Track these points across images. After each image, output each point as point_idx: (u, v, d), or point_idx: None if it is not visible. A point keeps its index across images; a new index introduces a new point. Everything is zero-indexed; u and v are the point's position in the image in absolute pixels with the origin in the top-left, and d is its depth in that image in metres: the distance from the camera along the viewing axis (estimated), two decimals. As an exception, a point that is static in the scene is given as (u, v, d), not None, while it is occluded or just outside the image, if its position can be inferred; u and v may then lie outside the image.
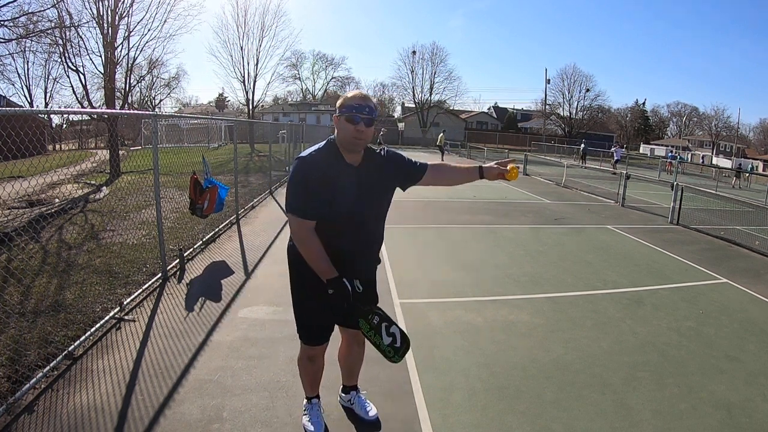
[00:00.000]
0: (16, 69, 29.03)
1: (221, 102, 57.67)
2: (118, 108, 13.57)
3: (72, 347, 2.90)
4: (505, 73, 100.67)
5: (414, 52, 44.07)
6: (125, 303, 3.61)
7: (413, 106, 45.16)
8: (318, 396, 2.37)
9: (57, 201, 7.97)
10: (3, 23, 9.56)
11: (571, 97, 50.03)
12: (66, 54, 12.39)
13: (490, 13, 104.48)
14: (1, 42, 10.85)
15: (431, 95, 44.21)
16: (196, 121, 23.72)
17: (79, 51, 12.59)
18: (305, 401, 2.37)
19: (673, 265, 5.77)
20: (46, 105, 32.26)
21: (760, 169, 30.90)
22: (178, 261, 4.73)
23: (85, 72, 13.38)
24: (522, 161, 17.63)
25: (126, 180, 10.60)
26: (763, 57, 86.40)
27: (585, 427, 2.45)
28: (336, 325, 2.21)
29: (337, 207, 1.86)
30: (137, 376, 2.72)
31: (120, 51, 12.67)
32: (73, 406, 2.41)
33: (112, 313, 3.42)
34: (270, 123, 15.84)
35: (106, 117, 11.53)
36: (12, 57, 19.93)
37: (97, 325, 3.23)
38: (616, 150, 24.52)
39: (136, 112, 10.47)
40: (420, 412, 2.52)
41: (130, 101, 18.34)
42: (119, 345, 3.08)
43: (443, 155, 21.68)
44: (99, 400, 2.46)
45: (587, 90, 49.77)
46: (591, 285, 4.79)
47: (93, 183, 10.46)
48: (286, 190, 1.92)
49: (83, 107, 15.08)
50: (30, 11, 10.51)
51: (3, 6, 9.34)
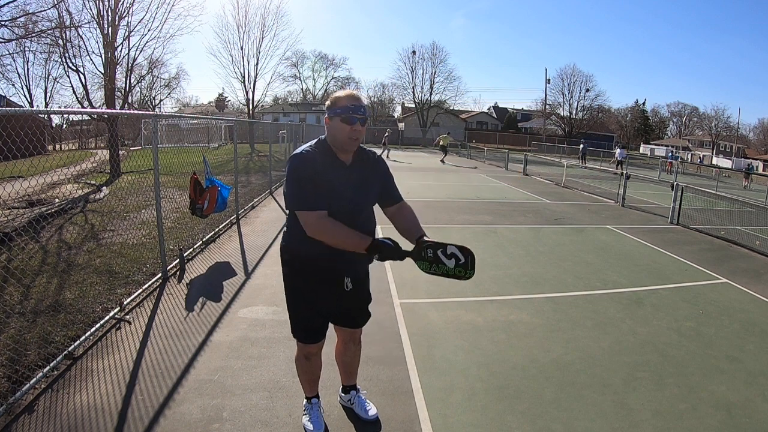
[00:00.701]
0: (16, 69, 29.12)
1: (221, 102, 57.67)
2: (118, 108, 13.56)
3: (72, 347, 2.90)
4: (505, 73, 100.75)
5: (414, 52, 44.05)
6: (125, 303, 3.61)
7: (413, 106, 45.14)
8: (317, 396, 2.37)
9: (57, 201, 7.97)
10: (3, 23, 9.56)
11: (571, 97, 50.06)
12: (66, 54, 12.40)
13: (490, 13, 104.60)
14: (1, 42, 10.87)
15: (431, 95, 44.21)
16: (196, 121, 23.72)
17: (79, 51, 12.62)
18: (305, 401, 2.37)
19: (673, 265, 5.77)
20: (46, 105, 32.31)
21: (760, 169, 30.86)
22: (178, 261, 4.73)
23: (85, 72, 13.45)
24: (523, 161, 17.65)
25: (126, 180, 10.60)
26: (764, 57, 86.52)
27: (585, 427, 2.45)
28: (332, 324, 2.22)
29: (332, 205, 1.87)
30: (137, 376, 2.72)
31: (120, 51, 12.68)
32: (73, 406, 2.41)
33: (112, 313, 3.42)
34: (270, 123, 15.84)
35: (106, 117, 11.53)
36: (12, 57, 20.02)
37: (97, 325, 3.23)
38: (619, 152, 23.92)
39: (136, 112, 10.45)
40: (420, 412, 2.52)
41: (130, 101, 18.33)
42: (119, 345, 3.08)
43: (445, 155, 21.67)
44: (99, 400, 2.46)
45: (587, 90, 49.79)
46: (591, 285, 4.79)
47: (93, 183, 10.46)
48: (286, 190, 1.89)
49: (83, 107, 15.09)
50: (30, 11, 10.53)
51: (3, 6, 9.36)
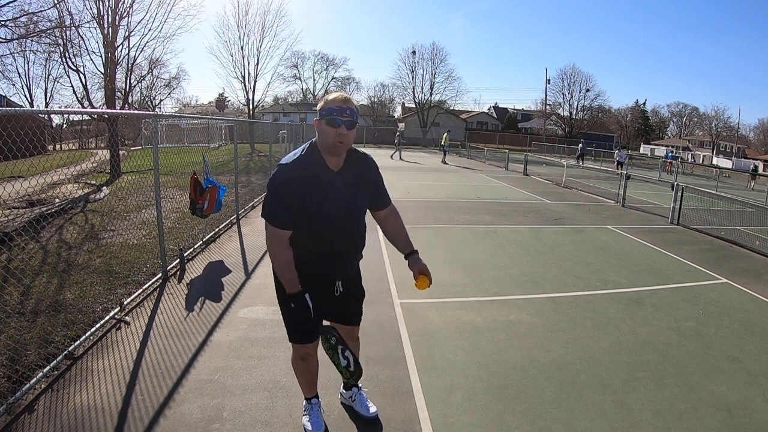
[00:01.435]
0: (16, 69, 29.05)
1: (221, 102, 57.65)
2: (118, 108, 13.57)
3: (72, 347, 2.90)
4: (505, 73, 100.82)
5: (414, 52, 43.99)
6: (125, 303, 3.61)
7: (413, 106, 45.13)
8: (317, 396, 2.37)
9: (57, 201, 7.97)
10: (3, 23, 9.56)
11: (571, 97, 50.02)
12: (66, 54, 12.40)
13: (490, 13, 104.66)
14: (2, 42, 10.85)
15: (431, 95, 44.16)
16: (196, 121, 23.73)
17: (80, 51, 12.61)
18: (305, 402, 2.37)
19: (674, 266, 5.77)
20: (46, 105, 32.29)
21: (760, 169, 30.82)
22: (178, 261, 4.73)
23: (86, 72, 13.40)
24: (523, 161, 17.65)
25: (126, 180, 10.60)
26: (764, 57, 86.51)
27: (585, 427, 2.45)
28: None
29: (321, 212, 1.88)
30: (137, 376, 2.72)
31: (120, 51, 12.68)
32: (73, 406, 2.41)
33: (112, 313, 3.42)
34: (270, 123, 15.84)
35: (106, 117, 11.52)
36: (12, 57, 19.95)
37: (97, 325, 3.23)
38: (619, 153, 23.39)
39: (136, 112, 10.46)
40: (420, 412, 2.52)
41: (130, 101, 18.33)
42: (119, 345, 3.08)
43: (445, 155, 21.66)
44: (99, 400, 2.46)
45: (587, 90, 49.76)
46: (591, 285, 4.79)
47: (93, 183, 10.46)
48: (265, 196, 1.92)
49: (83, 107, 15.09)
50: (30, 11, 10.52)
51: (3, 6, 9.35)
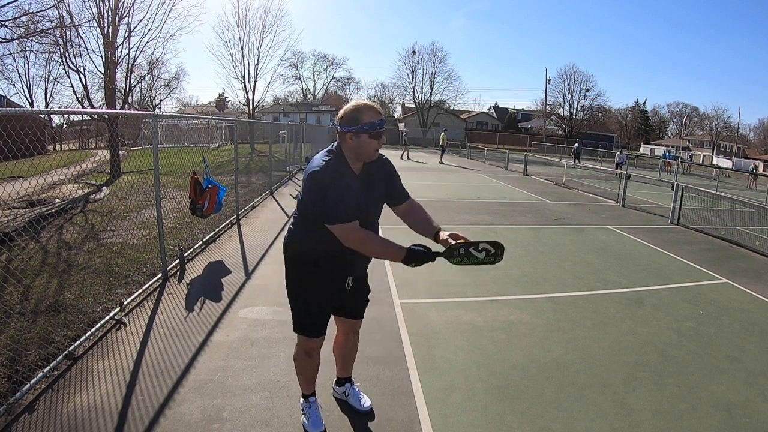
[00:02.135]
0: (16, 69, 29.10)
1: (221, 102, 57.65)
2: (118, 108, 13.57)
3: (72, 347, 2.90)
4: (506, 73, 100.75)
5: (414, 52, 44.07)
6: (125, 303, 3.61)
7: (413, 106, 45.14)
8: (315, 393, 2.38)
9: (57, 201, 7.97)
10: (3, 23, 9.56)
11: (572, 97, 50.08)
12: (66, 54, 12.40)
13: (490, 13, 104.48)
14: (2, 42, 10.86)
15: (431, 95, 44.23)
16: (196, 121, 23.71)
17: (80, 51, 12.60)
18: (302, 400, 2.37)
19: (674, 266, 5.77)
20: (46, 105, 32.32)
21: (760, 169, 30.82)
22: (178, 261, 4.73)
23: (86, 72, 13.38)
24: (523, 161, 17.66)
25: (126, 180, 10.60)
26: (764, 57, 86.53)
27: (585, 427, 2.45)
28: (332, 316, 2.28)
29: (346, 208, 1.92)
30: (137, 376, 2.72)
31: (120, 51, 12.67)
32: (73, 406, 2.41)
33: (112, 314, 3.42)
34: (270, 123, 15.85)
35: (106, 117, 11.52)
36: (13, 57, 19.99)
37: (97, 326, 3.23)
38: (619, 155, 23.34)
39: (136, 112, 10.46)
40: (420, 412, 2.52)
41: (130, 101, 18.32)
42: (119, 345, 3.08)
43: (443, 155, 21.67)
44: (99, 400, 2.46)
45: (587, 90, 49.81)
46: (591, 285, 4.79)
47: (93, 183, 10.46)
48: (315, 205, 1.88)
49: (83, 107, 15.09)
50: (31, 11, 10.52)
51: (3, 6, 9.36)
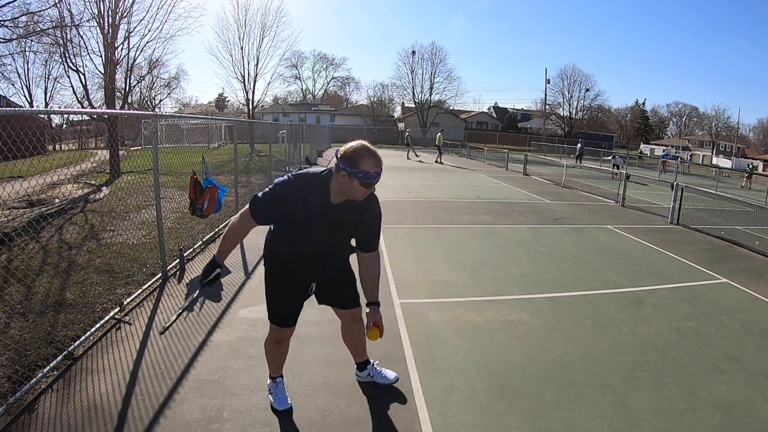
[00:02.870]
0: (16, 69, 29.09)
1: (221, 102, 57.66)
2: (118, 108, 13.56)
3: (72, 347, 2.90)
4: (505, 73, 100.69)
5: (414, 52, 44.02)
6: (125, 303, 3.61)
7: (413, 106, 45.13)
8: (282, 375, 2.56)
9: (57, 201, 7.97)
10: (3, 23, 9.56)
11: (571, 97, 50.03)
12: (66, 54, 12.37)
13: (490, 13, 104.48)
14: (2, 42, 10.85)
15: (431, 95, 44.17)
16: (196, 121, 23.71)
17: (80, 51, 12.58)
18: (270, 381, 2.55)
19: (673, 265, 5.77)
20: (46, 105, 32.29)
21: (760, 169, 30.84)
22: (178, 261, 4.73)
23: (86, 72, 13.38)
24: (523, 161, 17.66)
25: (126, 180, 10.60)
26: (764, 57, 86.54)
27: (585, 427, 2.45)
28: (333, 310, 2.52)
29: (301, 233, 2.12)
30: (137, 376, 2.72)
31: (120, 51, 12.67)
32: (73, 406, 2.41)
33: (112, 313, 3.42)
34: (270, 123, 15.84)
35: (106, 117, 11.52)
36: (12, 57, 19.99)
37: (97, 325, 3.23)
38: (616, 159, 22.28)
39: (136, 112, 10.45)
40: (420, 412, 2.52)
41: (130, 101, 18.32)
42: (119, 345, 3.08)
43: (440, 155, 21.61)
44: (99, 400, 2.46)
45: (587, 90, 49.78)
46: (591, 285, 4.79)
47: (93, 183, 10.46)
48: (268, 186, 2.08)
49: (83, 107, 15.07)
50: (30, 11, 10.52)
51: (3, 6, 9.35)
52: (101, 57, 12.52)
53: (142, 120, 20.17)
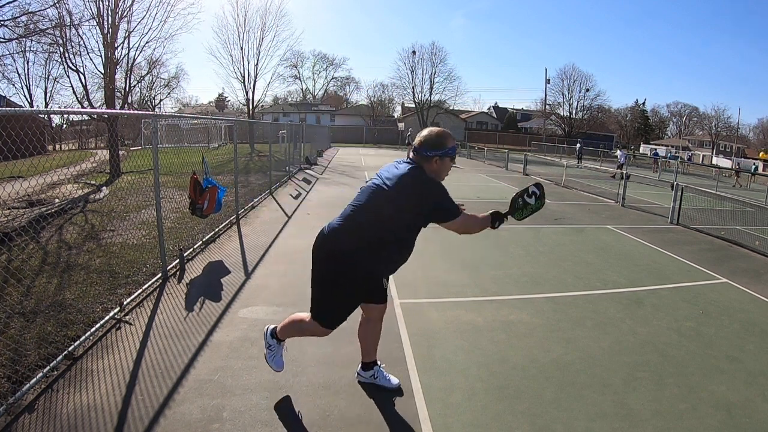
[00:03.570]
0: (16, 69, 29.07)
1: (221, 102, 57.71)
2: (118, 108, 13.57)
3: (72, 347, 2.90)
4: (505, 73, 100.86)
5: (414, 52, 44.04)
6: (125, 303, 3.61)
7: (413, 106, 45.14)
8: (285, 341, 2.66)
9: (57, 201, 7.97)
10: (3, 23, 9.56)
11: (571, 97, 50.05)
12: (66, 54, 12.39)
13: (490, 13, 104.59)
14: (1, 42, 10.86)
15: (431, 95, 44.21)
16: (196, 121, 23.69)
17: (79, 51, 12.60)
18: (274, 339, 2.62)
19: (673, 265, 5.77)
20: (46, 105, 32.27)
21: (760, 170, 30.82)
22: (178, 261, 4.73)
23: (85, 72, 13.39)
24: (523, 161, 17.66)
25: (126, 180, 10.60)
26: (764, 57, 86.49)
27: (585, 427, 2.45)
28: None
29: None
30: (137, 376, 2.72)
31: (120, 51, 12.68)
32: (73, 406, 2.41)
33: (112, 313, 3.42)
34: (270, 123, 15.83)
35: (106, 117, 11.53)
36: (12, 57, 19.99)
37: (97, 326, 3.23)
38: (620, 154, 22.39)
39: (136, 112, 10.45)
40: (420, 412, 2.52)
41: (130, 101, 18.33)
42: (119, 345, 3.08)
43: None
44: (99, 400, 2.46)
45: (587, 90, 49.79)
46: (591, 285, 4.79)
47: (93, 183, 10.46)
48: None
49: (83, 107, 15.08)
50: (30, 11, 10.52)
51: (3, 6, 9.35)
52: (101, 57, 12.54)
53: (142, 120, 20.16)
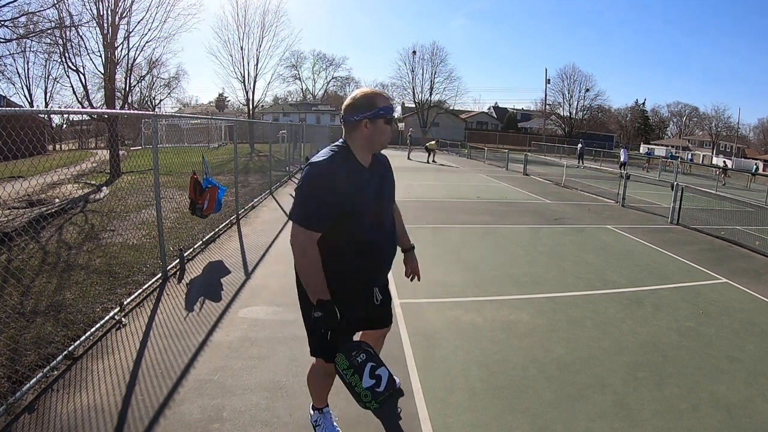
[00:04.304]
0: (16, 69, 29.05)
1: (221, 102, 57.71)
2: (118, 108, 13.57)
3: (72, 347, 2.90)
4: (505, 73, 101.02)
5: (414, 52, 44.01)
6: (125, 303, 3.61)
7: (413, 106, 45.14)
8: (328, 404, 2.29)
9: (57, 201, 7.97)
10: (3, 23, 9.57)
11: (571, 97, 50.09)
12: (66, 54, 12.40)
13: (490, 13, 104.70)
14: (2, 42, 10.87)
15: (431, 95, 44.20)
16: (196, 121, 23.73)
17: (79, 51, 12.63)
18: (316, 411, 2.27)
19: (673, 265, 5.77)
20: (46, 105, 32.28)
21: (760, 170, 30.83)
22: (178, 261, 4.73)
23: (85, 72, 13.47)
24: (523, 161, 17.66)
25: (126, 180, 10.60)
26: (764, 57, 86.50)
27: (585, 427, 2.45)
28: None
29: (358, 207, 1.81)
30: (137, 376, 2.72)
31: (120, 51, 12.70)
32: (73, 406, 2.41)
33: (112, 314, 3.42)
34: (270, 123, 15.83)
35: (106, 117, 11.54)
36: (12, 57, 20.01)
37: (97, 326, 3.23)
38: (623, 152, 22.75)
39: (136, 112, 10.44)
40: (420, 412, 2.52)
41: (130, 101, 18.32)
42: (119, 345, 3.08)
43: (433, 156, 21.48)
44: (99, 400, 2.46)
45: (587, 90, 49.83)
46: (591, 285, 4.79)
47: (93, 183, 10.46)
48: (295, 197, 1.80)
49: (83, 107, 15.08)
50: (30, 11, 10.53)
51: (3, 6, 9.36)
52: (101, 57, 12.56)
53: (142, 120, 20.16)
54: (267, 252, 5.44)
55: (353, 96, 1.84)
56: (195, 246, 5.37)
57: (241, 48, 26.63)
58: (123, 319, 3.41)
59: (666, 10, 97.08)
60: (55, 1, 10.85)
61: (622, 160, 22.04)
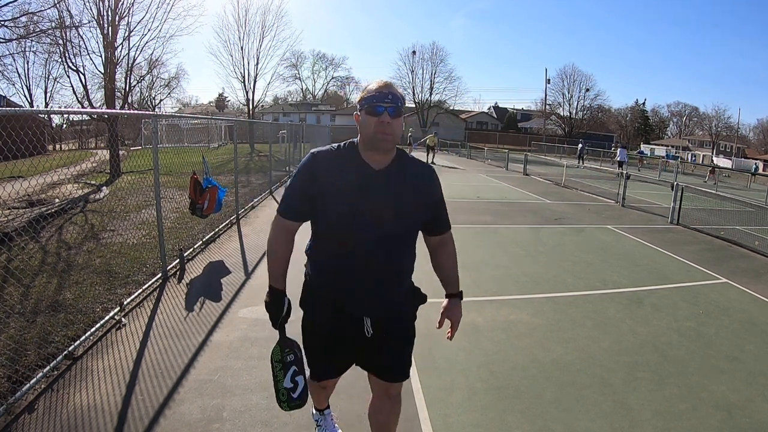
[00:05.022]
0: (16, 69, 29.04)
1: (221, 102, 57.74)
2: (118, 108, 13.56)
3: (72, 347, 2.89)
4: (505, 73, 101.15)
5: (414, 52, 44.14)
6: (125, 303, 3.61)
7: (413, 106, 45.16)
8: (329, 406, 2.25)
9: (57, 201, 7.96)
10: (3, 23, 9.57)
11: (571, 97, 50.14)
12: (66, 54, 12.39)
13: (490, 13, 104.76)
14: (2, 42, 10.87)
15: (431, 95, 44.28)
16: (196, 121, 23.69)
17: (80, 51, 12.60)
18: (317, 412, 2.23)
19: (673, 265, 5.77)
20: (46, 105, 32.29)
21: (760, 169, 30.87)
22: (178, 261, 4.73)
23: (85, 72, 13.38)
24: (523, 161, 17.67)
25: (126, 180, 10.59)
26: (764, 57, 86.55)
27: (585, 427, 2.45)
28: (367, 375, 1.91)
29: (355, 213, 1.54)
30: (137, 376, 2.72)
31: (120, 51, 12.68)
32: (73, 406, 2.41)
33: (112, 313, 3.42)
34: (270, 123, 15.83)
35: (106, 117, 11.52)
36: (12, 57, 20.00)
37: (97, 325, 3.23)
38: (620, 151, 22.35)
39: (136, 112, 10.45)
40: (420, 412, 2.52)
41: (130, 101, 18.32)
42: (119, 345, 3.08)
43: (433, 155, 21.24)
44: (99, 400, 2.46)
45: (587, 90, 49.87)
46: (591, 285, 4.79)
47: (93, 183, 10.46)
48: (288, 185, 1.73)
49: (83, 107, 15.08)
50: (30, 11, 10.54)
51: (3, 6, 9.36)
52: (101, 57, 12.54)
53: (142, 120, 20.16)
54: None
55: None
56: (195, 246, 5.37)
57: (242, 48, 26.63)
58: (123, 319, 3.42)
59: (666, 10, 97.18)
60: (56, 1, 10.86)
61: (619, 159, 21.89)
